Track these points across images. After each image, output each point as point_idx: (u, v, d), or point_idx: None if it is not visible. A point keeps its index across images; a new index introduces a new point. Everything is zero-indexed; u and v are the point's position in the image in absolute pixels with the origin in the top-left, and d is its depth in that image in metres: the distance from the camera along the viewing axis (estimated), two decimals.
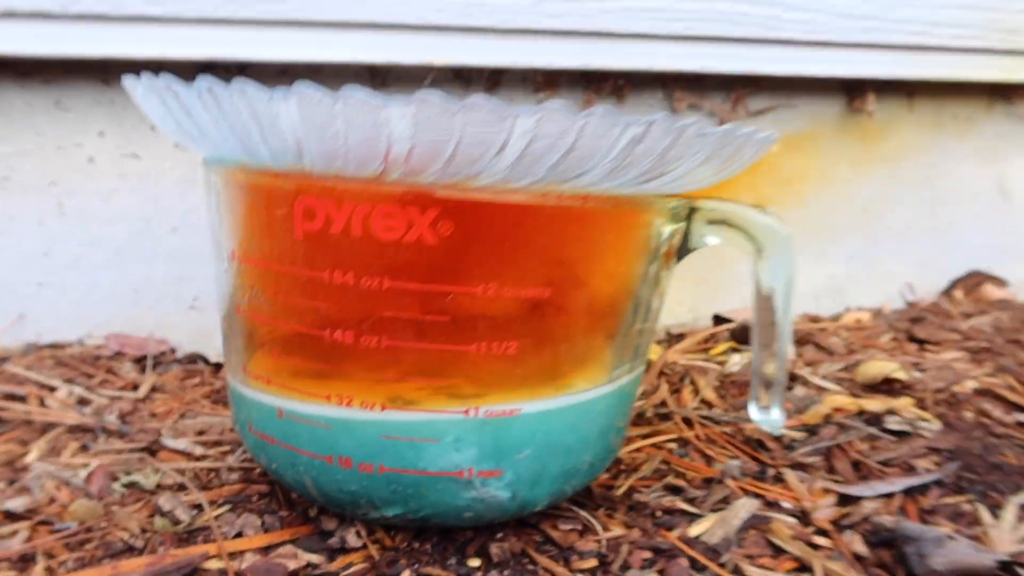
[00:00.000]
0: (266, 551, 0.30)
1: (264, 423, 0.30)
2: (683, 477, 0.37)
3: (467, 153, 0.23)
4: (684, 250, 0.33)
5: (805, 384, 0.48)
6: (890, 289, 0.72)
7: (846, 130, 0.68)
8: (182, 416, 0.42)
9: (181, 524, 0.31)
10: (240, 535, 0.31)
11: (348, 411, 0.27)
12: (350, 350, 0.27)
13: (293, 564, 0.29)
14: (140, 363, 0.51)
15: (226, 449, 0.38)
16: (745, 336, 0.56)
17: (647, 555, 0.31)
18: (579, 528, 0.33)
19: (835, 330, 0.58)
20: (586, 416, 0.30)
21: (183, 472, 0.35)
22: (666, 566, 0.30)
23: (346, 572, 0.29)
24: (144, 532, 0.30)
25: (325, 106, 0.22)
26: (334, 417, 0.28)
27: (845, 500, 0.36)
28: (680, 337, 0.61)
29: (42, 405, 0.42)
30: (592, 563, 0.30)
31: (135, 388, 0.47)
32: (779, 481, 0.37)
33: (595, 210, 0.27)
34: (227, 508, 0.33)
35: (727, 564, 0.31)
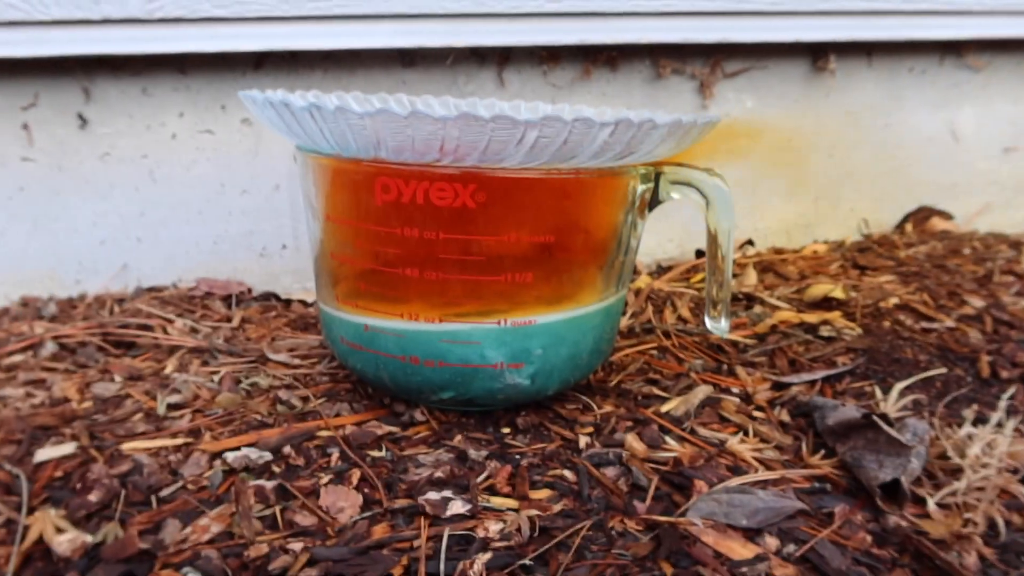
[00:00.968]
0: (359, 425, 0.42)
1: (353, 335, 0.42)
2: (660, 373, 0.50)
3: (494, 147, 0.34)
4: (655, 202, 0.44)
5: (762, 304, 0.60)
6: (851, 225, 0.83)
7: (812, 86, 0.78)
8: (272, 339, 0.55)
9: (296, 409, 0.44)
10: (338, 415, 0.43)
11: (415, 324, 0.39)
12: (416, 282, 0.39)
13: (380, 431, 0.41)
14: (226, 301, 0.64)
15: (314, 360, 0.50)
16: None
17: (629, 424, 0.43)
18: (580, 407, 0.45)
19: (794, 260, 0.69)
20: (583, 325, 0.42)
21: (287, 376, 0.48)
22: (642, 430, 0.43)
23: (417, 436, 0.41)
24: (270, 414, 0.43)
25: (399, 121, 0.34)
26: (405, 328, 0.40)
27: (779, 386, 0.48)
28: (668, 269, 0.72)
29: (165, 333, 0.55)
30: (589, 430, 0.43)
31: (228, 320, 0.59)
32: (731, 374, 0.49)
33: (585, 180, 0.38)
34: (324, 400, 0.45)
35: (686, 428, 0.43)
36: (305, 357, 0.51)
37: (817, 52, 0.76)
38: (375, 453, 0.40)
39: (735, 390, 0.48)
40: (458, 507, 0.35)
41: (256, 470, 0.38)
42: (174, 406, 0.44)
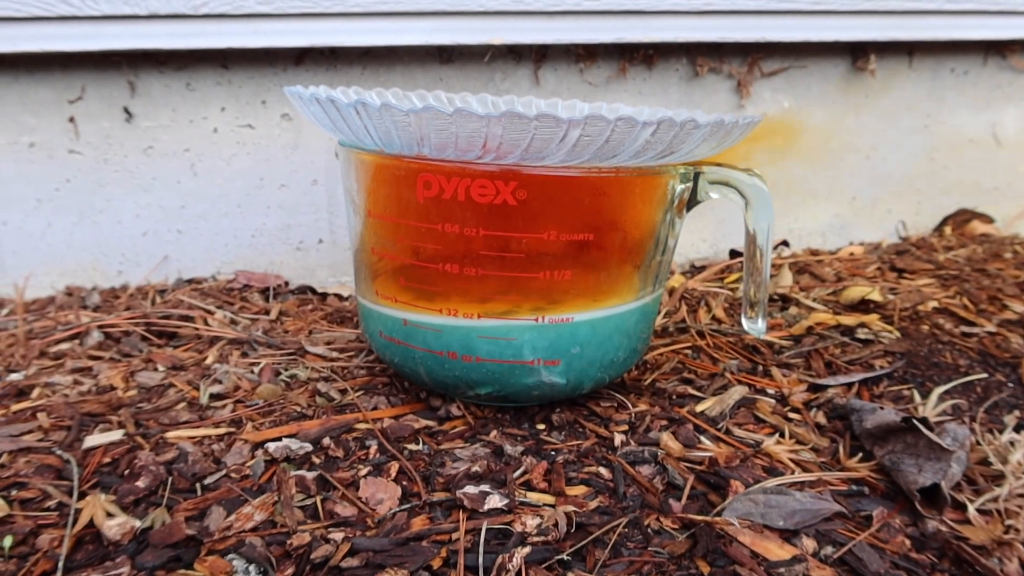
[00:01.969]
0: (396, 419, 0.43)
1: (391, 330, 0.42)
2: (694, 373, 0.50)
3: (537, 145, 0.35)
4: (693, 202, 0.44)
5: (798, 305, 0.59)
6: (888, 227, 0.82)
7: (851, 86, 0.77)
8: (310, 332, 0.55)
9: (334, 401, 0.44)
10: (376, 408, 0.44)
11: (454, 319, 0.40)
12: (455, 277, 0.39)
13: (416, 425, 0.42)
14: (264, 293, 0.65)
15: (352, 353, 0.51)
16: None
17: (664, 423, 0.43)
18: (615, 405, 0.45)
19: (830, 261, 0.69)
20: (619, 324, 0.42)
21: (325, 368, 0.48)
22: (677, 429, 0.43)
23: (453, 431, 0.42)
24: (310, 406, 0.44)
25: (443, 118, 0.34)
26: (444, 323, 0.40)
27: (815, 388, 0.48)
28: (702, 268, 0.72)
29: (205, 324, 0.56)
30: (624, 428, 0.43)
31: (266, 313, 0.60)
32: (767, 376, 0.49)
33: (624, 178, 0.39)
34: (361, 392, 0.46)
35: (721, 428, 0.43)
36: (343, 350, 0.52)
37: (857, 52, 0.75)
38: (412, 446, 0.40)
39: (770, 391, 0.47)
40: (495, 501, 0.35)
41: (297, 460, 0.38)
42: (216, 396, 0.45)
